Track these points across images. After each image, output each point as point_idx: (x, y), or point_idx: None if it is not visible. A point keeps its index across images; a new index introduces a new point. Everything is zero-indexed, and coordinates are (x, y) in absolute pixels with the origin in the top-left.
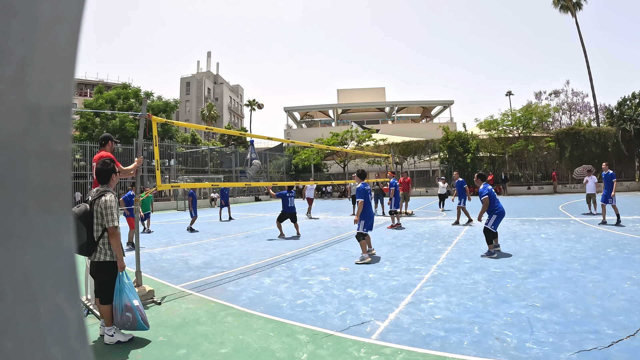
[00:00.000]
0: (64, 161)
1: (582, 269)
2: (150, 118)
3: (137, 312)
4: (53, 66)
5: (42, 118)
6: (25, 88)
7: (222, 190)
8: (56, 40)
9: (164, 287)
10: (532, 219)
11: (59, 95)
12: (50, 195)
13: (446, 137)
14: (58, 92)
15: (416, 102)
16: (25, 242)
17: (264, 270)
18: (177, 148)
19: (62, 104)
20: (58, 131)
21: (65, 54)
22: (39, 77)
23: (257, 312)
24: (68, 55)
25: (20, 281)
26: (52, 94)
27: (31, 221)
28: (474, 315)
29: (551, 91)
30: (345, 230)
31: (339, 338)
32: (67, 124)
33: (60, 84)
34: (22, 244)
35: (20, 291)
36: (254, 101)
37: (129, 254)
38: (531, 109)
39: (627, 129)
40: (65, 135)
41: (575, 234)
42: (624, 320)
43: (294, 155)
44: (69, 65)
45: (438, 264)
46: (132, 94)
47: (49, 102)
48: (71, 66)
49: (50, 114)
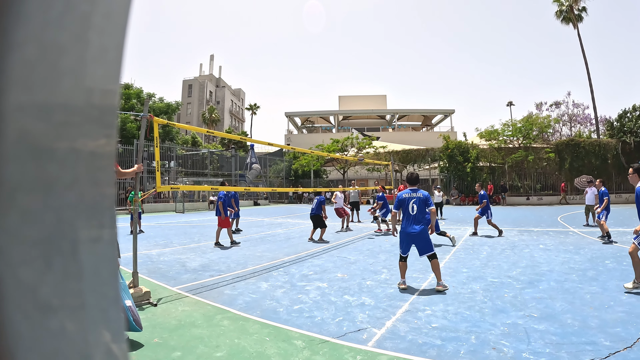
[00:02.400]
0: (109, 161)
1: (580, 280)
2: (152, 119)
3: (129, 313)
4: (103, 64)
5: (94, 115)
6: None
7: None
8: (106, 42)
9: (160, 289)
10: (531, 229)
11: (109, 95)
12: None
13: (446, 146)
14: (108, 92)
15: (417, 111)
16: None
17: (261, 274)
18: (177, 150)
19: (109, 104)
20: (105, 130)
21: (115, 54)
22: (94, 74)
23: (254, 316)
24: (117, 56)
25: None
26: (103, 94)
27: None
28: (471, 325)
29: (552, 102)
30: (343, 237)
31: (335, 344)
32: (113, 124)
33: (110, 84)
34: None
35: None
36: (255, 105)
37: (127, 254)
38: (532, 119)
39: (627, 142)
40: (111, 134)
41: (573, 245)
42: (621, 332)
43: (294, 160)
44: (116, 65)
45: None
46: (134, 94)
47: (103, 101)
48: (118, 65)
49: (100, 112)
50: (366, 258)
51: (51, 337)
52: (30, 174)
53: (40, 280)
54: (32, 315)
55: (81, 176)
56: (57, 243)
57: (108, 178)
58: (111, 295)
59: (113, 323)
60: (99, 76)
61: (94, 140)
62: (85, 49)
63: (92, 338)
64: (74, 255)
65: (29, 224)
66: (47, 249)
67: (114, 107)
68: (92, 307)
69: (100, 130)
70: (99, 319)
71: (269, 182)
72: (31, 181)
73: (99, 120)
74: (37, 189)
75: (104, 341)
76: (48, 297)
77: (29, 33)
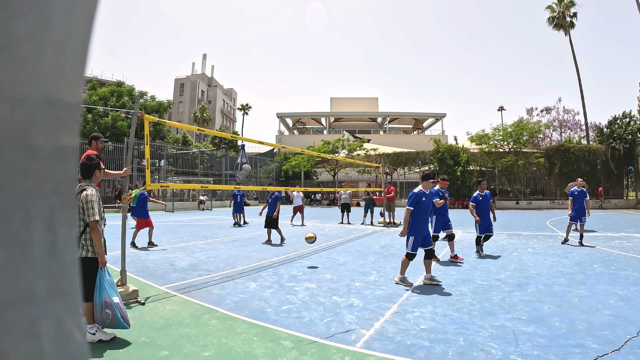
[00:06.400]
0: (73, 156)
1: (568, 284)
2: (142, 116)
3: (116, 310)
4: (67, 60)
5: (52, 109)
6: (40, 80)
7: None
8: (68, 36)
9: (148, 288)
10: (520, 233)
11: (70, 90)
12: (59, 191)
13: (437, 149)
14: (69, 87)
15: (409, 114)
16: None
17: (250, 274)
18: (168, 149)
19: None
20: (68, 124)
21: (77, 50)
22: (52, 70)
23: (242, 316)
24: (80, 51)
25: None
26: (63, 87)
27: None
28: (459, 327)
29: (543, 108)
30: (332, 238)
31: (324, 345)
32: (78, 118)
33: (74, 78)
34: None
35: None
36: (247, 105)
37: (115, 252)
38: (522, 124)
39: (616, 148)
40: (75, 129)
41: (562, 249)
42: (609, 335)
43: (284, 161)
44: (80, 63)
45: (425, 275)
46: (125, 92)
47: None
48: (83, 64)
49: (60, 106)
50: (355, 259)
51: None
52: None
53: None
54: None
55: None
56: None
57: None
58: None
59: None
60: (56, 66)
61: (50, 135)
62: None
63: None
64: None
65: None
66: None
67: (75, 103)
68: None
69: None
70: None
71: (259, 183)
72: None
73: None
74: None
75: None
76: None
77: None
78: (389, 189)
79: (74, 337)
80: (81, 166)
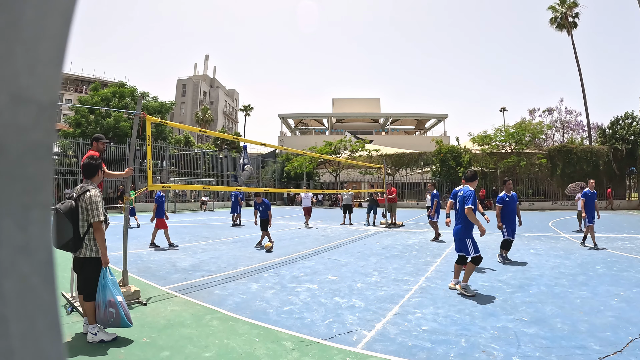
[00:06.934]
0: (47, 155)
1: (570, 285)
2: (145, 117)
3: (120, 308)
4: (39, 59)
5: (29, 109)
6: (13, 79)
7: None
8: (42, 34)
9: (150, 288)
10: (522, 234)
11: (46, 89)
12: (31, 190)
13: (439, 150)
14: (45, 85)
15: (411, 115)
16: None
17: (251, 275)
18: (170, 149)
19: (48, 98)
20: (41, 123)
21: (53, 48)
22: (25, 69)
23: (243, 317)
24: (55, 50)
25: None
26: (39, 87)
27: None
28: (461, 328)
29: (545, 108)
30: (334, 239)
31: (325, 346)
32: (53, 117)
33: (48, 77)
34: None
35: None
36: (249, 106)
37: (117, 253)
38: (524, 125)
39: (618, 148)
40: (50, 128)
41: (564, 250)
42: (611, 337)
43: (286, 162)
44: (55, 62)
45: (426, 276)
46: (128, 92)
47: (36, 95)
48: (59, 62)
49: (37, 106)
50: (357, 260)
51: None
52: None
53: None
54: None
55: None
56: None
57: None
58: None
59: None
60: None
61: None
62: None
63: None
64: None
65: None
66: None
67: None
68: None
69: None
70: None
71: (262, 184)
72: None
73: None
74: None
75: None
76: None
77: None
78: (390, 189)
79: (46, 337)
80: (84, 166)
